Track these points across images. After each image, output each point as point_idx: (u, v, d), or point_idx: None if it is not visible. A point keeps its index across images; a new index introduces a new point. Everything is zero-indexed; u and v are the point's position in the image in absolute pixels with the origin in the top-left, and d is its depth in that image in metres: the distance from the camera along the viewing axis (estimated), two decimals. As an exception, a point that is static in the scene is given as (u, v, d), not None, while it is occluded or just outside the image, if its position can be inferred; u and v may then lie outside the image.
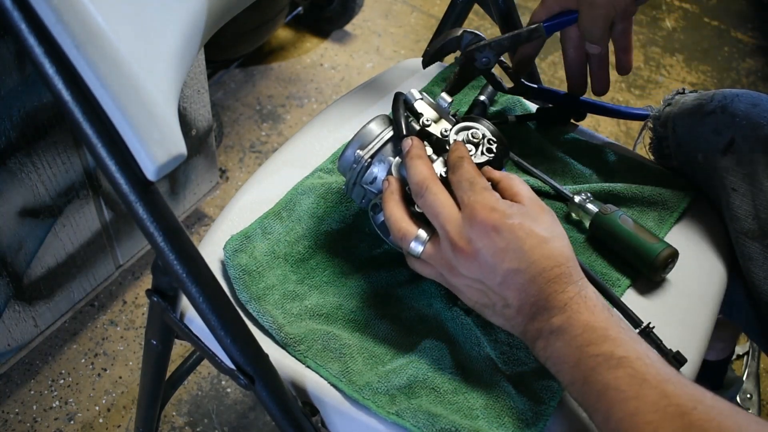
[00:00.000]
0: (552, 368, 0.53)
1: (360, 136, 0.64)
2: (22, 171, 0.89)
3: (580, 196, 0.73)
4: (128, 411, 1.18)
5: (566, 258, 0.54)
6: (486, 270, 0.54)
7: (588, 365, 0.50)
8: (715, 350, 1.16)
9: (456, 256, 0.55)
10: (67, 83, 0.44)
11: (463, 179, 0.57)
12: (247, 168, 1.56)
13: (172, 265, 0.49)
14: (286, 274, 0.67)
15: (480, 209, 0.54)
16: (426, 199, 0.57)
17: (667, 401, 0.47)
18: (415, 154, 0.59)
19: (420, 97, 0.64)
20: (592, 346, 0.50)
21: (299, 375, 0.61)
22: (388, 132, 0.64)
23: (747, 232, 0.70)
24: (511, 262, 0.53)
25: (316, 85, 1.76)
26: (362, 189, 0.65)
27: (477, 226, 0.54)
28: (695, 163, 0.77)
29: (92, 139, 0.44)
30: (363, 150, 0.63)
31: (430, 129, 0.63)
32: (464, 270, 0.55)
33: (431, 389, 0.60)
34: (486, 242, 0.53)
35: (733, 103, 0.74)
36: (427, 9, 2.04)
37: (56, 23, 0.42)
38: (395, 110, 0.64)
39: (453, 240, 0.55)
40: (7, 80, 0.81)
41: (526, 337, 0.55)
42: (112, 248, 1.14)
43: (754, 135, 0.71)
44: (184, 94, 1.10)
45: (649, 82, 1.92)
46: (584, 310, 0.52)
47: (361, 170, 0.63)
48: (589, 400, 0.50)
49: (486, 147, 0.63)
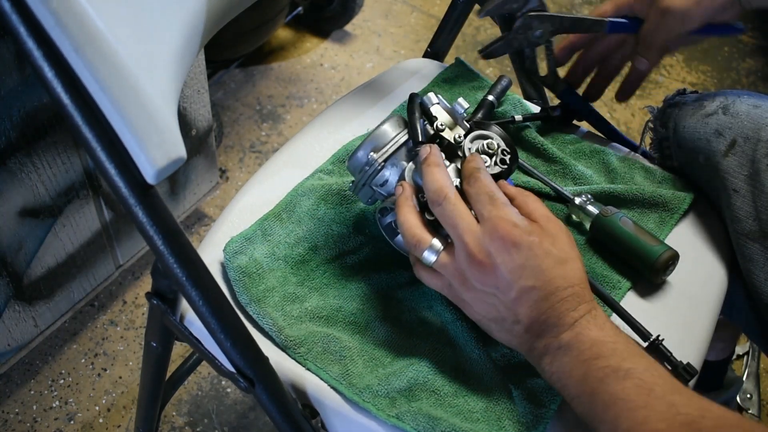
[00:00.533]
0: (557, 383, 0.53)
1: (374, 137, 0.62)
2: (22, 171, 0.89)
3: (581, 198, 0.73)
4: (128, 411, 1.18)
5: (580, 280, 0.55)
6: (502, 285, 0.54)
7: (596, 377, 0.50)
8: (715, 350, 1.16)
9: (472, 269, 0.55)
10: (66, 86, 0.43)
11: (482, 192, 0.57)
12: (247, 168, 1.56)
13: (171, 269, 0.49)
14: (287, 276, 0.67)
15: (503, 224, 0.54)
16: (444, 209, 0.56)
17: (675, 410, 0.47)
18: (432, 162, 0.59)
19: (437, 101, 0.63)
20: (600, 359, 0.51)
21: (299, 377, 0.61)
22: (403, 135, 0.62)
23: (748, 233, 0.70)
24: (528, 279, 0.53)
25: (316, 85, 1.76)
26: (371, 190, 0.64)
27: (498, 240, 0.54)
28: (696, 163, 0.77)
29: (91, 143, 0.44)
30: (377, 153, 0.62)
31: (444, 134, 0.62)
32: (478, 283, 0.55)
33: (432, 392, 0.59)
34: (505, 257, 0.53)
35: (734, 104, 0.74)
36: (427, 9, 2.04)
37: (55, 26, 0.42)
38: (411, 113, 0.62)
39: (471, 252, 0.54)
40: (7, 80, 0.81)
41: (532, 354, 0.55)
42: (112, 248, 1.14)
43: (756, 136, 0.71)
44: (184, 94, 1.09)
45: (649, 82, 1.92)
46: (593, 327, 0.53)
47: (373, 172, 0.62)
48: (595, 411, 0.50)
49: (500, 158, 0.63)
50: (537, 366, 0.55)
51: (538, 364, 0.55)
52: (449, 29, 0.92)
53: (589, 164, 0.80)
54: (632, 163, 0.80)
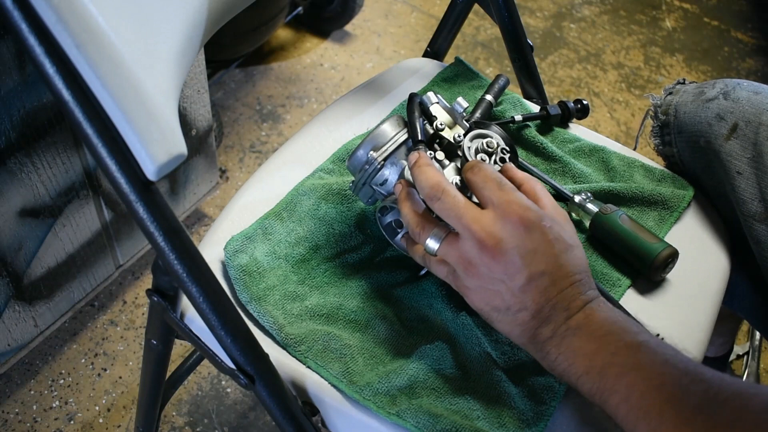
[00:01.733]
0: (562, 364, 0.52)
1: (373, 136, 0.63)
2: (22, 171, 0.89)
3: (580, 196, 0.73)
4: (128, 411, 1.18)
5: (585, 268, 0.55)
6: (512, 270, 0.53)
7: (608, 351, 0.50)
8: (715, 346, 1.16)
9: (483, 256, 0.54)
10: (68, 83, 0.43)
11: (489, 179, 0.56)
12: (247, 168, 1.56)
13: (172, 265, 0.49)
14: (287, 274, 0.67)
15: (515, 207, 0.54)
16: (444, 202, 0.56)
17: (690, 378, 0.47)
18: (422, 162, 0.58)
19: (436, 101, 0.64)
20: (611, 335, 0.51)
21: (299, 375, 0.61)
22: (403, 135, 0.63)
23: (754, 214, 0.71)
24: (539, 264, 0.53)
25: (316, 85, 1.76)
26: (371, 189, 0.64)
27: (511, 224, 0.53)
28: (697, 147, 0.77)
29: (92, 139, 0.44)
30: (376, 152, 0.62)
31: (443, 133, 0.62)
32: (486, 269, 0.54)
33: (432, 389, 0.59)
34: (518, 241, 0.53)
35: (735, 90, 0.75)
36: (427, 9, 2.04)
37: (56, 23, 0.42)
38: (410, 113, 0.63)
39: (481, 239, 0.53)
40: (7, 80, 0.81)
41: (535, 340, 0.54)
42: (112, 248, 1.14)
43: (757, 120, 0.72)
44: (184, 94, 1.09)
45: (649, 82, 1.92)
46: (604, 309, 0.53)
47: (372, 171, 0.62)
48: (605, 384, 0.50)
49: (499, 156, 0.63)
50: (538, 352, 0.54)
51: (541, 350, 0.54)
52: (449, 29, 0.92)
53: (588, 163, 0.80)
54: (632, 162, 0.80)
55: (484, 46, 1.96)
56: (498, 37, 1.94)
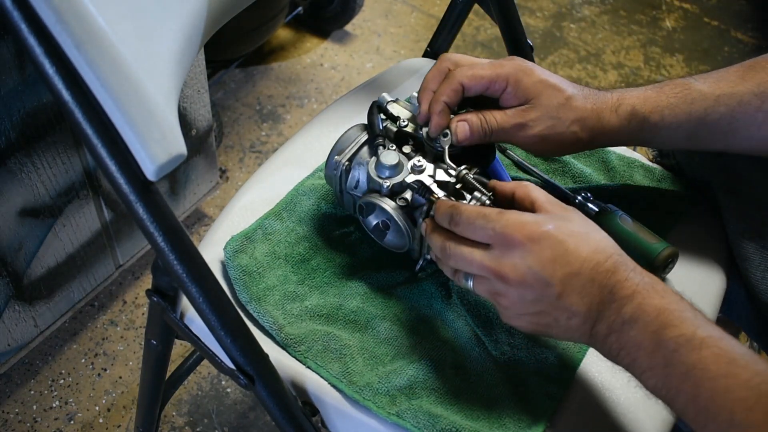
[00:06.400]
0: (625, 358, 0.51)
1: (337, 144, 0.67)
2: (22, 171, 0.89)
3: (581, 196, 0.73)
4: (128, 411, 1.18)
5: (612, 246, 0.53)
6: (541, 287, 0.52)
7: (668, 347, 0.48)
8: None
9: (508, 288, 0.53)
10: (67, 83, 0.43)
11: (472, 220, 0.54)
12: (247, 168, 1.56)
13: (172, 265, 0.49)
14: (287, 274, 0.67)
15: (511, 230, 0.52)
16: (454, 259, 0.55)
17: (759, 379, 0.45)
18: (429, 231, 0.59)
19: (392, 99, 0.67)
20: (669, 329, 0.49)
21: (299, 375, 0.61)
22: (364, 136, 0.66)
23: (743, 232, 0.71)
24: (563, 267, 0.51)
25: (316, 85, 1.76)
26: (350, 196, 0.66)
27: (515, 247, 0.52)
28: (693, 163, 0.77)
29: (92, 139, 0.44)
30: (340, 155, 0.65)
31: (407, 129, 0.65)
32: (518, 297, 0.53)
33: (432, 390, 0.59)
34: (531, 259, 0.52)
35: None
36: (427, 9, 2.04)
37: (56, 23, 0.42)
38: (369, 114, 0.66)
39: (498, 273, 0.53)
40: (7, 80, 0.81)
41: (594, 339, 0.53)
42: (112, 248, 1.14)
43: None
44: (184, 94, 1.09)
45: (649, 82, 1.92)
46: (654, 295, 0.50)
47: (341, 175, 0.65)
48: (671, 382, 0.48)
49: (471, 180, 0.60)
50: (602, 348, 0.53)
51: (603, 346, 0.52)
52: (449, 29, 0.92)
53: (588, 162, 0.80)
54: (631, 162, 0.80)
55: (484, 46, 1.96)
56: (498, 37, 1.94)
